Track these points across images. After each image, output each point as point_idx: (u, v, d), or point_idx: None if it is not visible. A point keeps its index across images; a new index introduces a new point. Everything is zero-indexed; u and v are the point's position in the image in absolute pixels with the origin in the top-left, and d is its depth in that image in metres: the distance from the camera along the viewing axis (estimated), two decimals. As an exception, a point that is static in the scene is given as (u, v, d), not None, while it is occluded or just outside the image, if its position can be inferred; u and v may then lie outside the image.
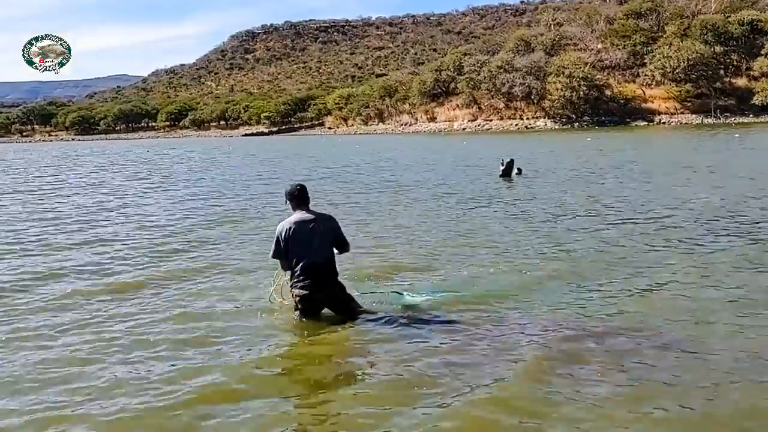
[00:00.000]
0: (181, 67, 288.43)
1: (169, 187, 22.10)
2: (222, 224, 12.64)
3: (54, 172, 32.48)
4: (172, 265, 9.03)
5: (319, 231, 6.08)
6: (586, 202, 14.26)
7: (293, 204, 6.21)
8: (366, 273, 8.14)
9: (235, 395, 4.65)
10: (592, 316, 6.19)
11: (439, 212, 13.60)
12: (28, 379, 5.00)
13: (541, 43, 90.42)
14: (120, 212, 15.13)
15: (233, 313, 6.65)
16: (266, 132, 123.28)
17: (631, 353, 5.24)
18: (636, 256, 8.72)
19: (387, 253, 9.49)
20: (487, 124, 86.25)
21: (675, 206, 12.85)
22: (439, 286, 7.39)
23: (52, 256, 9.93)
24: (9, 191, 21.73)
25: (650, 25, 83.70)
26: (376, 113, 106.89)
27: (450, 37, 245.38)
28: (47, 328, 6.26)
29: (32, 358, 5.47)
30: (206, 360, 5.35)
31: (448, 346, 5.54)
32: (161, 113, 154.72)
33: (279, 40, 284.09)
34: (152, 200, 17.85)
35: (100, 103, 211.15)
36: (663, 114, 75.85)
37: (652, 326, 5.85)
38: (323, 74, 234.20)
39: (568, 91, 77.39)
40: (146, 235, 11.65)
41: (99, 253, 9.99)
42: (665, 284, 7.22)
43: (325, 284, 6.09)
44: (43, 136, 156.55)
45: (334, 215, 6.56)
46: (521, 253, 9.18)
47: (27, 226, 13.10)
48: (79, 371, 5.13)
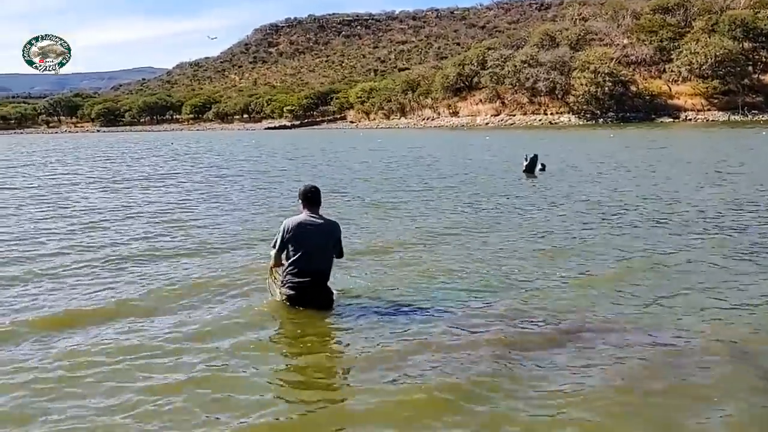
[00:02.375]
0: (205, 60, 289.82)
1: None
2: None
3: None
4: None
5: (322, 235, 6.10)
6: (611, 199, 14.17)
7: (303, 204, 6.23)
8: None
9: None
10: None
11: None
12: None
13: (566, 38, 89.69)
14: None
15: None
16: (289, 125, 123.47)
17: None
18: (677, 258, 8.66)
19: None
20: (510, 119, 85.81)
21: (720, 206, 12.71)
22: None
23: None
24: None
25: (677, 21, 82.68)
26: (398, 107, 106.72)
27: (474, 31, 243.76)
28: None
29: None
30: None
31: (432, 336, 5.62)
32: (185, 106, 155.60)
33: (302, 33, 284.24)
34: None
35: (125, 95, 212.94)
36: (689, 111, 74.97)
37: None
38: (346, 68, 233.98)
39: (593, 87, 76.80)
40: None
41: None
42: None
43: (314, 289, 6.11)
44: (69, 128, 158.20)
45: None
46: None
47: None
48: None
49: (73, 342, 5.64)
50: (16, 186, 20.20)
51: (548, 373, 4.84)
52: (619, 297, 6.70)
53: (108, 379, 4.80)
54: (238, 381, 4.78)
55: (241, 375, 4.90)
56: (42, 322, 6.16)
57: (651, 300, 6.56)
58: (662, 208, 12.53)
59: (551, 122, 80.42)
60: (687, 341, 5.45)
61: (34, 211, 14.06)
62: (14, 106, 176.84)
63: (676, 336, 5.57)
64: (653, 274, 7.56)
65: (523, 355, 5.18)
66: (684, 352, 5.23)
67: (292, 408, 4.44)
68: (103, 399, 4.49)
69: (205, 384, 4.70)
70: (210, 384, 4.70)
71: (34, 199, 16.37)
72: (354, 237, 9.92)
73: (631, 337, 5.55)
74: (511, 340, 5.52)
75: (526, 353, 5.22)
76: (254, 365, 5.09)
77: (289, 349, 5.60)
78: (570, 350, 5.29)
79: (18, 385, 4.73)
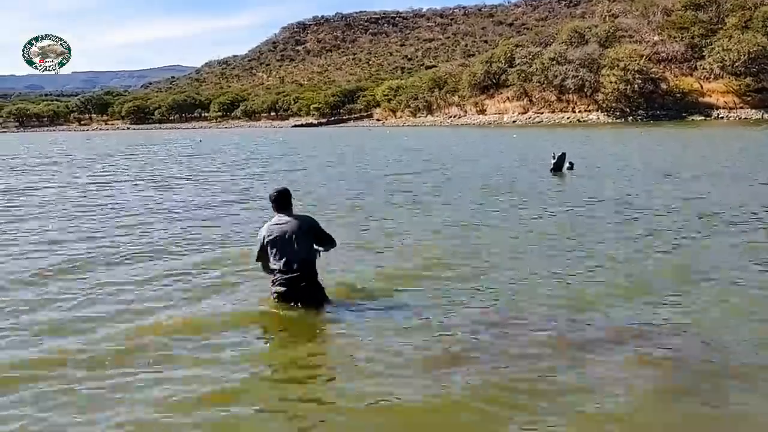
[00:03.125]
0: (233, 58, 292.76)
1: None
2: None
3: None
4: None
5: (296, 232, 6.23)
6: (641, 199, 13.92)
7: (273, 207, 6.44)
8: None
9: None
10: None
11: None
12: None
13: (595, 35, 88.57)
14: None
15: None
16: (315, 123, 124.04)
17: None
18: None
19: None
20: (538, 117, 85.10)
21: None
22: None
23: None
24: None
25: (710, 17, 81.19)
26: (425, 105, 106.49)
27: (501, 28, 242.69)
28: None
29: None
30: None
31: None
32: (213, 103, 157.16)
33: (330, 31, 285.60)
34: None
35: (154, 92, 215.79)
36: (721, 108, 73.61)
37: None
38: (373, 66, 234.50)
39: (623, 84, 75.84)
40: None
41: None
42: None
43: (301, 284, 6.21)
44: (100, 125, 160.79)
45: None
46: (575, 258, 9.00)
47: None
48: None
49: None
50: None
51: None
52: (639, 301, 6.56)
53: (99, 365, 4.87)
54: (226, 378, 4.86)
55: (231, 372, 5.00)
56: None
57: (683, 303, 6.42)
58: (696, 210, 12.17)
59: (579, 120, 79.57)
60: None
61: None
62: (47, 103, 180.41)
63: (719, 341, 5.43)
64: (684, 276, 7.40)
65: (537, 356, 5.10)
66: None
67: (278, 404, 4.56)
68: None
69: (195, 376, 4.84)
70: (200, 378, 4.81)
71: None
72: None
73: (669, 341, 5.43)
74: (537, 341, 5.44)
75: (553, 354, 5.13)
76: (244, 362, 5.19)
77: (278, 344, 5.73)
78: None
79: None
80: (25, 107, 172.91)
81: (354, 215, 12.63)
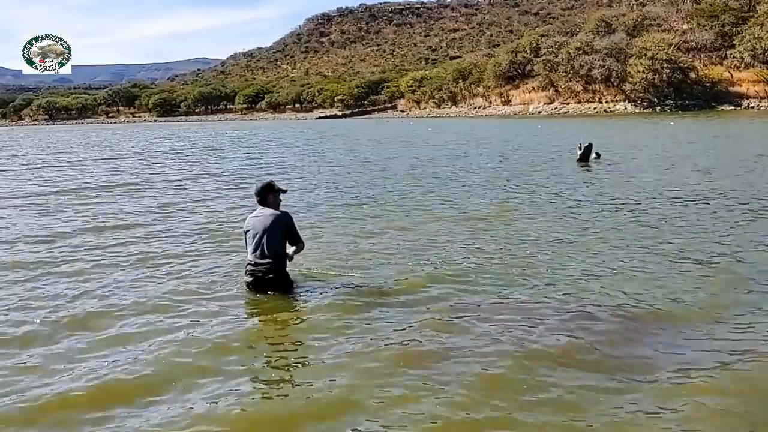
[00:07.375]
0: (258, 51, 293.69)
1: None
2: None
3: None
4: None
5: (267, 226, 6.50)
6: (670, 189, 13.78)
7: (257, 200, 6.79)
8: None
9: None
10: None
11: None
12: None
13: (622, 24, 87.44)
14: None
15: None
16: (340, 115, 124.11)
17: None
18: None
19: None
20: (564, 107, 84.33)
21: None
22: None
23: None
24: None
25: (740, 5, 79.67)
26: (450, 96, 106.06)
27: (527, 18, 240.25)
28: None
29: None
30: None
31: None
32: (239, 96, 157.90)
33: (354, 23, 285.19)
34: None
35: (180, 85, 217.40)
36: (752, 98, 72.25)
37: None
38: (397, 57, 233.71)
39: (651, 74, 74.80)
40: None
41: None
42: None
43: (267, 276, 6.49)
44: (127, 117, 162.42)
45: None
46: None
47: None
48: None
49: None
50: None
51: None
52: (673, 294, 6.52)
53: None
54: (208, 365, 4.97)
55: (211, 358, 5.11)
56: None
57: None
58: (730, 202, 11.86)
59: (606, 110, 78.63)
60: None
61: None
62: (75, 96, 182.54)
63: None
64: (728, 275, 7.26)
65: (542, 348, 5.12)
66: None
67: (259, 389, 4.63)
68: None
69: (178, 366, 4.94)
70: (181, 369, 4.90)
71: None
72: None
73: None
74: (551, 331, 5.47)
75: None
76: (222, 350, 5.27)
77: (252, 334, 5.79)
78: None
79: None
80: (54, 100, 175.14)
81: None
